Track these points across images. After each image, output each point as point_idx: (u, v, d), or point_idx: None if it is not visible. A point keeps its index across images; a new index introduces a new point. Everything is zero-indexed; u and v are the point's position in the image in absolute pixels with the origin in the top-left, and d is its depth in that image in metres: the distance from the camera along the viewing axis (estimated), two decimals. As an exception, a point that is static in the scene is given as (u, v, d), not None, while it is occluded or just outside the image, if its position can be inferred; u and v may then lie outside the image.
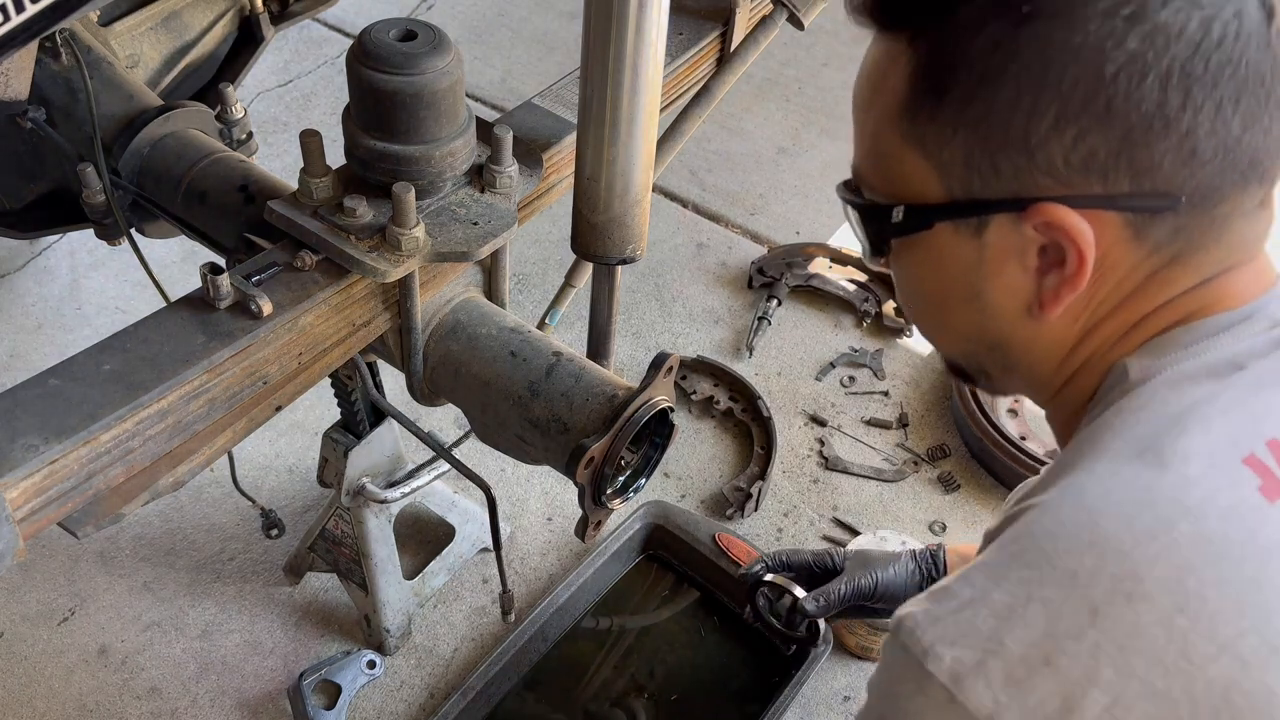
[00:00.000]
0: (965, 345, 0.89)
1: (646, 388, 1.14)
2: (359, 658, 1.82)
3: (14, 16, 1.01)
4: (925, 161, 0.78)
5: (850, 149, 0.87)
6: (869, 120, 0.83)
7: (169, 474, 1.06)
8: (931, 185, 0.78)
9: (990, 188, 0.75)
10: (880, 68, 0.80)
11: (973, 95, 0.73)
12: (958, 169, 0.76)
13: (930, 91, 0.75)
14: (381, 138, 1.12)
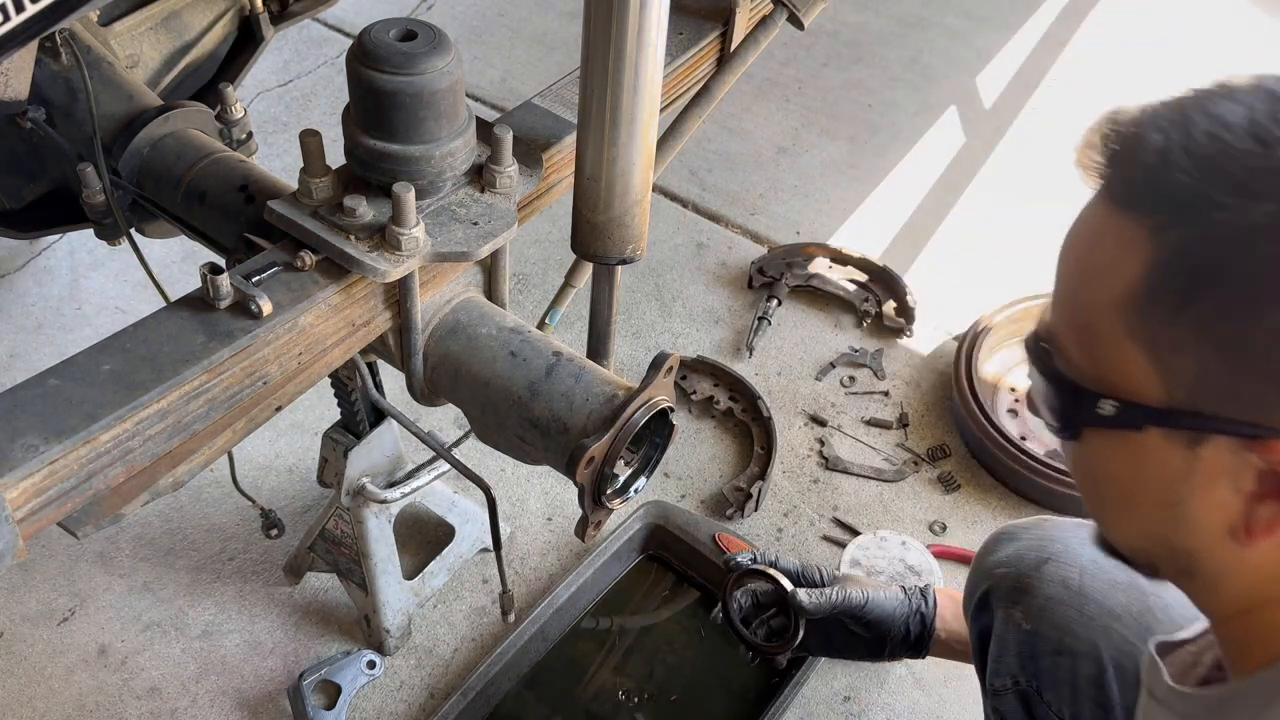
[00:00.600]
0: (1144, 543, 0.80)
1: (646, 388, 1.14)
2: (359, 658, 1.82)
3: (14, 16, 1.01)
4: (1148, 360, 0.70)
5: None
6: (1083, 294, 0.74)
7: (169, 474, 1.06)
8: (1150, 385, 0.70)
9: (1222, 407, 0.67)
10: (1107, 245, 0.71)
11: (1229, 312, 0.65)
12: (1187, 378, 0.68)
13: (1175, 293, 0.67)
14: (381, 138, 1.12)
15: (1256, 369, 0.65)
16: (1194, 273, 0.66)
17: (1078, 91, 3.30)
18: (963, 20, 3.57)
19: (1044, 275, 2.75)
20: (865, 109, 3.18)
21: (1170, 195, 0.67)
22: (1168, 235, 0.67)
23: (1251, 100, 0.67)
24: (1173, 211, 0.67)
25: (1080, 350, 0.75)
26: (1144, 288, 0.68)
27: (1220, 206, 0.65)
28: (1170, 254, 0.67)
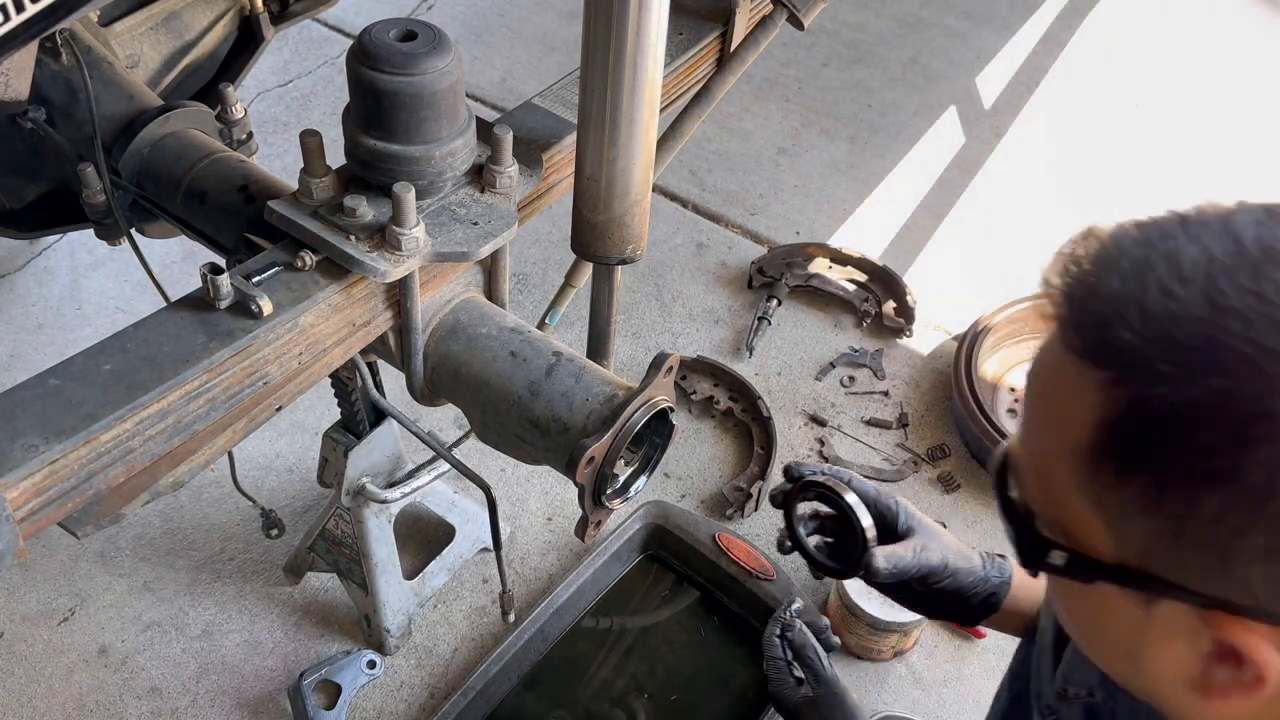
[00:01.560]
0: (1117, 678, 0.78)
1: (646, 388, 1.14)
2: (359, 658, 1.82)
3: (14, 16, 1.01)
4: (1098, 517, 0.67)
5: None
6: (1040, 434, 0.71)
7: (169, 474, 1.06)
8: (1101, 541, 0.67)
9: (1172, 574, 0.64)
10: (1063, 388, 0.67)
11: (1172, 486, 0.62)
12: (1136, 542, 0.65)
13: (1120, 454, 0.64)
14: (381, 138, 1.12)
15: (1201, 546, 0.62)
16: (1137, 439, 0.63)
17: (1078, 91, 3.30)
18: (963, 20, 3.57)
19: (1044, 275, 2.69)
20: (865, 109, 3.18)
21: (1117, 353, 0.64)
22: (1115, 394, 0.63)
23: (1215, 244, 0.63)
24: (1119, 369, 0.63)
25: (1038, 490, 0.73)
26: (1091, 444, 0.65)
27: (1162, 376, 0.61)
28: (1116, 413, 0.64)
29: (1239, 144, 3.12)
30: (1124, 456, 0.64)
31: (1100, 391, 0.64)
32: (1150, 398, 0.62)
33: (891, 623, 1.79)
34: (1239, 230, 0.63)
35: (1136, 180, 2.97)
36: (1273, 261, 0.61)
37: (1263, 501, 0.59)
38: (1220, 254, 0.62)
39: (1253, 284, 0.60)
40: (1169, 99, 3.28)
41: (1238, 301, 0.60)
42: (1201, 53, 3.48)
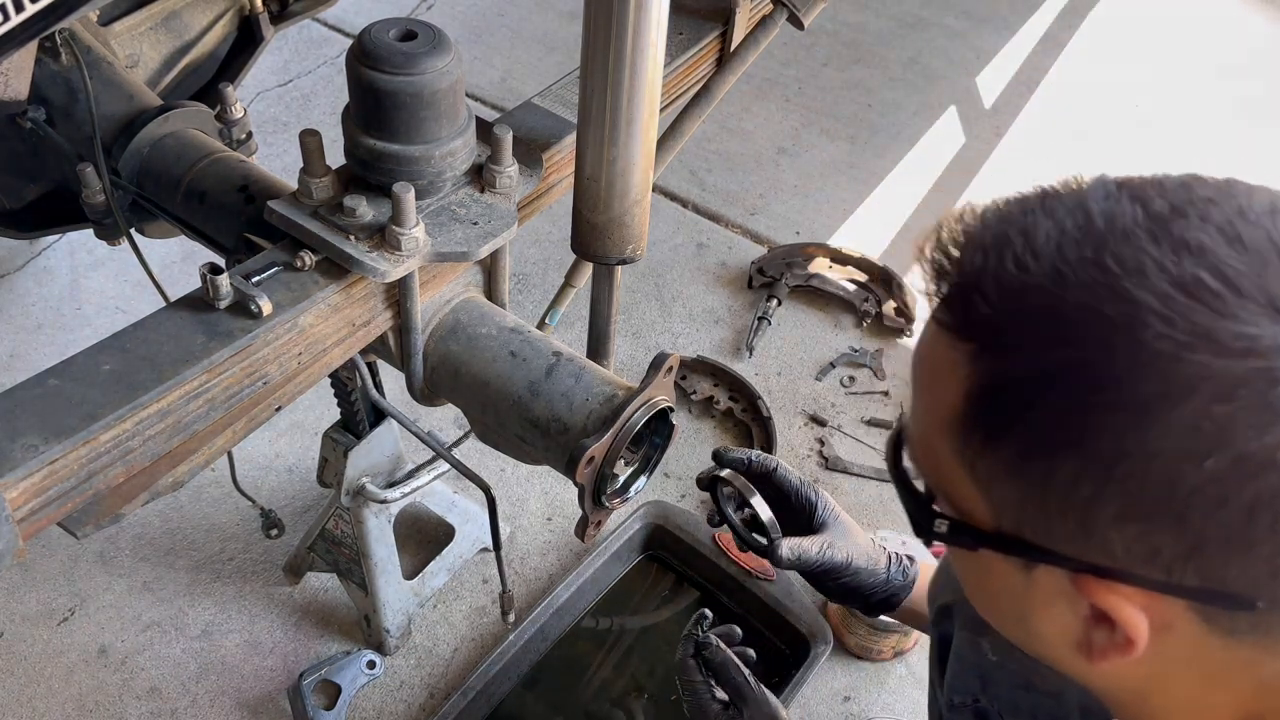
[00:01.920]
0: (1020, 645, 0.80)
1: (646, 388, 1.14)
2: (359, 658, 1.82)
3: (14, 16, 1.01)
4: (974, 487, 0.70)
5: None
6: (920, 405, 0.74)
7: (169, 474, 1.06)
8: (978, 508, 0.70)
9: (1042, 539, 0.67)
10: (937, 360, 0.70)
11: (1030, 453, 0.65)
12: (1009, 510, 0.68)
13: (985, 423, 0.67)
14: (381, 138, 1.12)
15: (1064, 511, 0.64)
16: (998, 408, 0.66)
17: (1078, 91, 3.30)
18: (963, 20, 3.57)
19: (1044, 275, 2.68)
20: (865, 109, 3.18)
21: (977, 325, 0.66)
22: (979, 365, 0.66)
23: (1067, 219, 0.65)
24: (980, 341, 0.66)
25: (924, 460, 0.75)
26: (962, 414, 0.67)
27: (1015, 348, 0.64)
28: (982, 384, 0.66)
29: (1239, 144, 3.12)
30: (989, 425, 0.66)
31: (967, 364, 0.67)
32: (1006, 368, 0.65)
33: (891, 623, 1.79)
34: (1089, 204, 0.65)
35: (1136, 180, 2.97)
36: (1115, 234, 0.63)
37: (1110, 466, 0.61)
38: (1070, 228, 0.65)
39: (1095, 255, 0.62)
40: (1169, 99, 3.28)
41: (1081, 273, 0.62)
42: (1201, 53, 3.48)
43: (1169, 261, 0.61)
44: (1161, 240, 0.62)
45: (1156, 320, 0.59)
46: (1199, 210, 0.63)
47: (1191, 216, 0.62)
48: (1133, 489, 0.61)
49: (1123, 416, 0.61)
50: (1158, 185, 0.66)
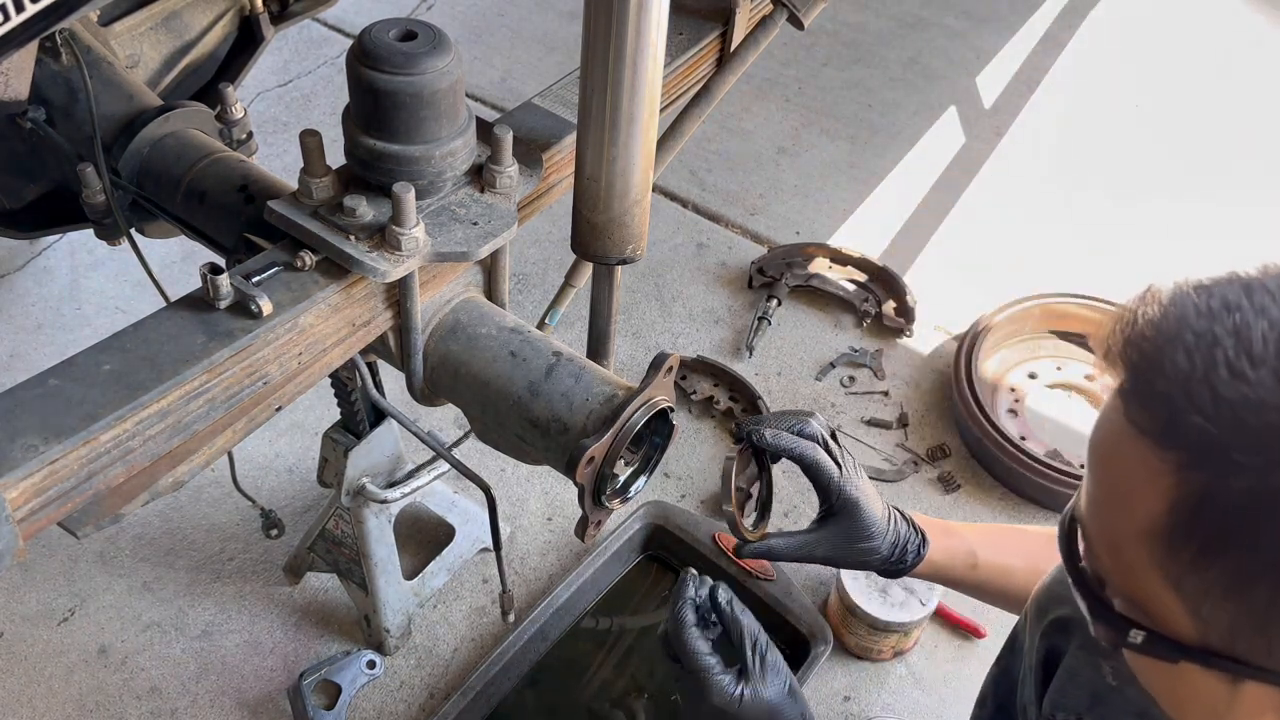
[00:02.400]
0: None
1: (646, 388, 1.14)
2: (359, 658, 1.82)
3: (14, 16, 1.01)
4: (1177, 601, 0.64)
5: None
6: (1109, 510, 0.69)
7: (169, 474, 1.06)
8: (1182, 621, 0.65)
9: (1259, 658, 0.63)
10: (1130, 464, 0.64)
11: (1255, 576, 0.60)
12: (1220, 626, 0.63)
13: (1197, 540, 0.61)
14: (381, 138, 1.12)
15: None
16: (1215, 527, 0.61)
17: (1078, 91, 3.30)
18: (963, 20, 3.57)
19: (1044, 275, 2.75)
20: (865, 109, 3.18)
21: (1188, 436, 0.61)
22: (1189, 476, 0.61)
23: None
24: (1191, 452, 0.61)
25: (1111, 565, 0.70)
26: (1167, 526, 0.63)
27: (1238, 465, 0.59)
28: (1193, 499, 0.61)
29: (1239, 143, 3.12)
30: (1203, 543, 0.61)
31: (1172, 474, 0.62)
32: (1228, 486, 0.59)
33: (891, 623, 1.79)
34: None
35: (1137, 180, 2.97)
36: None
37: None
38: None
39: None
40: (1169, 99, 3.28)
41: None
42: (1202, 53, 3.48)
43: None
44: None
45: None
46: None
47: None
48: None
49: None
50: None
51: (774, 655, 1.11)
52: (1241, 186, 2.98)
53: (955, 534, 1.22)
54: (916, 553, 1.20)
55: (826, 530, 1.20)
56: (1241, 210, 2.89)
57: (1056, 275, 2.57)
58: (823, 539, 1.19)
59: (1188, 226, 2.82)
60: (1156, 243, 2.76)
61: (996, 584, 1.23)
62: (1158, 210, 2.87)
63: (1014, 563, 1.22)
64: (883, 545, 1.18)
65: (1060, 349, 2.43)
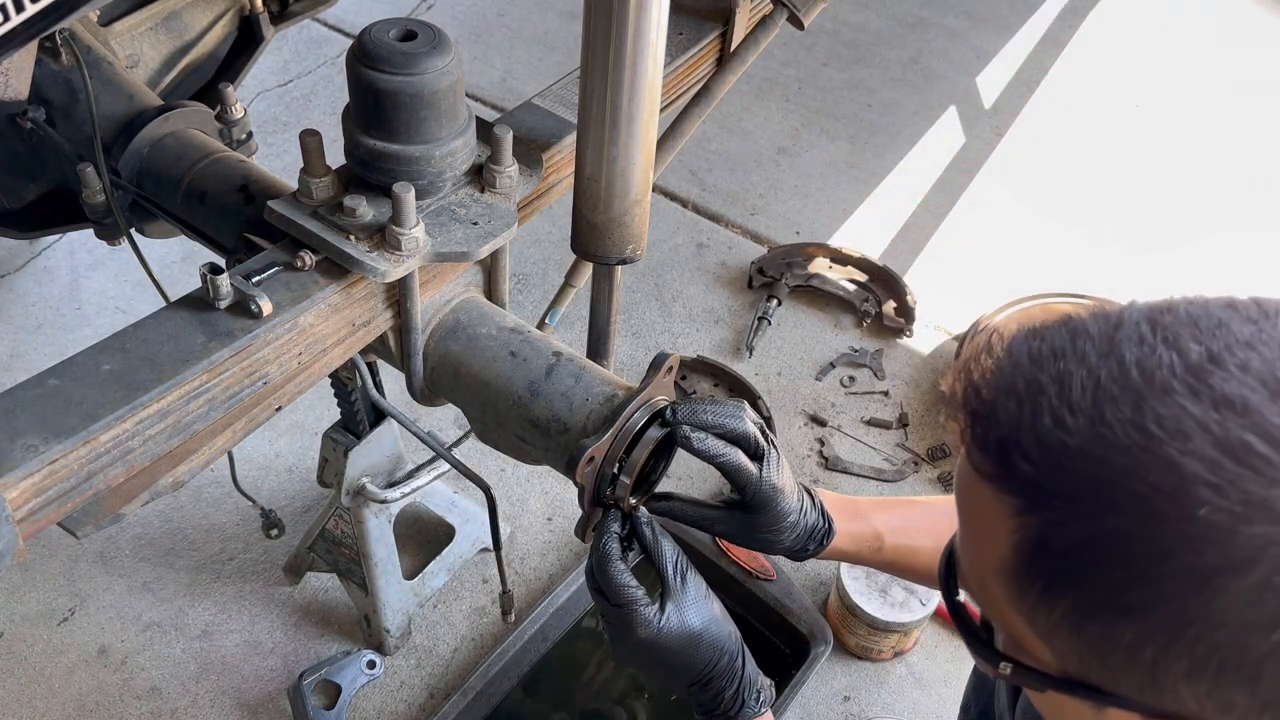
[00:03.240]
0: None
1: (646, 387, 1.14)
2: (359, 658, 1.82)
3: (14, 16, 1.01)
4: (1033, 634, 0.67)
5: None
6: (969, 546, 0.72)
7: (169, 474, 1.06)
8: (1042, 652, 0.68)
9: (1110, 687, 0.65)
10: (980, 506, 0.67)
11: (1089, 615, 0.63)
12: (1073, 659, 0.66)
13: (1040, 580, 0.64)
14: (381, 138, 1.12)
15: (1129, 669, 0.63)
16: (1051, 569, 0.63)
17: (1078, 91, 3.30)
18: (963, 20, 3.57)
19: (1044, 275, 2.75)
20: (865, 109, 3.18)
21: (1020, 482, 0.64)
22: (1026, 520, 0.64)
23: (1101, 367, 0.62)
24: (1026, 500, 0.63)
25: (980, 596, 0.73)
26: (1013, 566, 0.65)
27: (1063, 512, 0.62)
28: (1030, 542, 0.64)
29: (1239, 143, 3.12)
30: (1045, 583, 0.64)
31: (1012, 517, 0.64)
32: (1056, 530, 0.62)
33: (891, 623, 1.79)
34: (1122, 351, 0.63)
35: (1136, 180, 2.97)
36: (1152, 390, 0.60)
37: (1175, 633, 0.59)
38: (1105, 379, 0.62)
39: (1135, 416, 0.60)
40: (1169, 99, 3.28)
41: (1123, 436, 0.60)
42: (1202, 53, 3.48)
43: (1212, 422, 0.58)
44: (1202, 396, 0.59)
45: (1207, 490, 0.57)
46: (1237, 359, 0.60)
47: (1230, 366, 0.60)
48: (1200, 653, 0.59)
49: (1181, 586, 0.58)
50: (1192, 324, 0.63)
51: (695, 578, 1.12)
52: (1241, 187, 2.98)
53: (861, 517, 1.21)
54: (820, 543, 1.18)
55: (733, 514, 1.17)
56: (1241, 210, 2.89)
57: (1056, 275, 2.57)
58: (727, 519, 1.17)
59: (1187, 226, 2.82)
60: (1156, 242, 2.76)
61: (903, 563, 1.24)
62: (1157, 210, 2.87)
63: (920, 543, 1.22)
64: (787, 539, 1.17)
65: (1060, 349, 2.43)
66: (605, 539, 1.12)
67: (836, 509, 1.19)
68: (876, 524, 1.21)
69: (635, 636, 1.06)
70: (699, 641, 1.08)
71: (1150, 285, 2.56)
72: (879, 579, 1.83)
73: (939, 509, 1.25)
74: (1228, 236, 2.78)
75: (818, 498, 1.18)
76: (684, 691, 1.09)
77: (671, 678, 1.09)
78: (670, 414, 1.08)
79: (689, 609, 1.09)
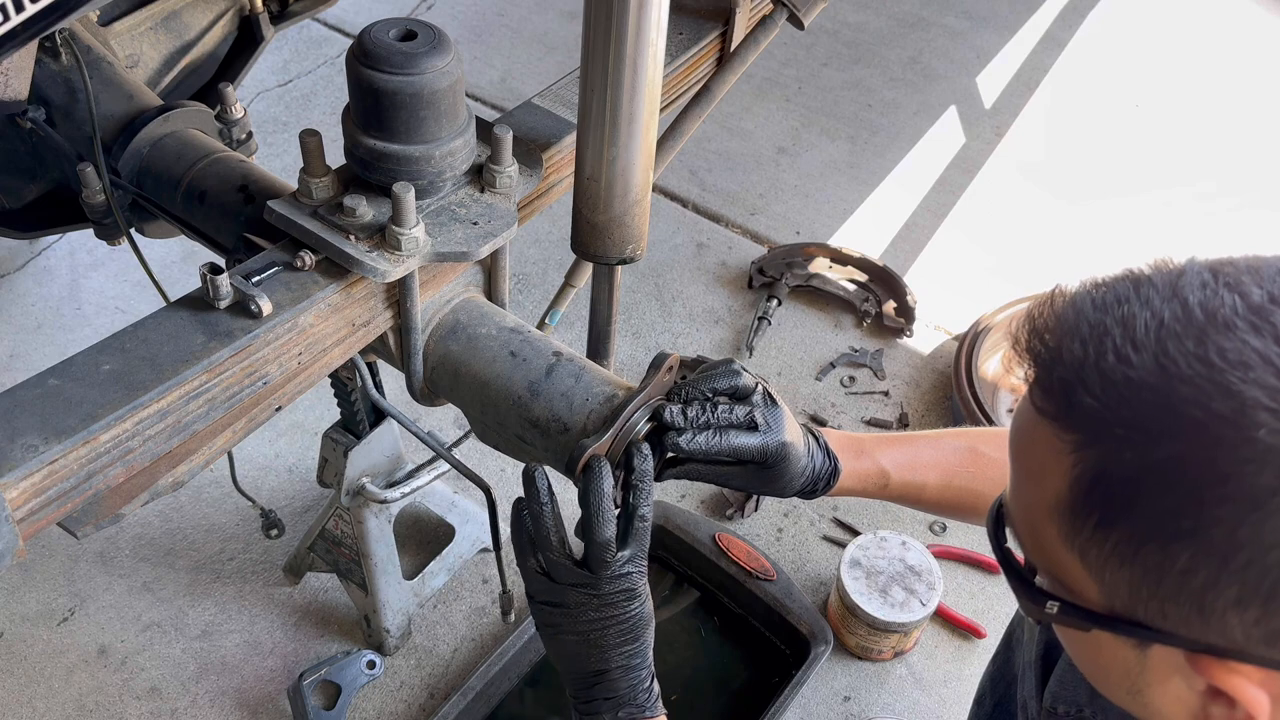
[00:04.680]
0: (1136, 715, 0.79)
1: (646, 387, 1.14)
2: (359, 658, 1.82)
3: (14, 16, 1.01)
4: (1084, 570, 0.70)
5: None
6: (1023, 489, 0.74)
7: (169, 474, 1.06)
8: (1090, 590, 0.71)
9: (1157, 621, 0.68)
10: (1038, 447, 0.71)
11: (1142, 543, 0.65)
12: (1121, 592, 0.68)
13: (1095, 512, 0.67)
14: (381, 138, 1.12)
15: (1179, 597, 0.65)
16: (1108, 499, 0.66)
17: (1078, 91, 3.30)
18: (963, 20, 3.57)
19: (1044, 275, 2.76)
20: (865, 109, 3.18)
21: (1082, 417, 0.67)
22: (1085, 454, 0.67)
23: (1165, 309, 0.66)
24: (1086, 432, 0.67)
25: (1030, 542, 0.76)
26: (1070, 503, 0.68)
27: (1123, 440, 0.65)
28: (1088, 474, 0.67)
29: (1239, 143, 3.12)
30: (1099, 514, 0.67)
31: (1071, 453, 0.67)
32: (1115, 460, 0.65)
33: (891, 623, 1.79)
34: (1185, 294, 0.66)
35: (1136, 180, 2.97)
36: (1215, 326, 0.63)
37: (1227, 557, 0.62)
38: (1169, 319, 0.65)
39: (1199, 349, 0.63)
40: (1169, 99, 3.28)
41: (1185, 368, 0.63)
42: (1202, 53, 3.48)
43: (1275, 355, 0.61)
44: (1264, 332, 0.62)
45: (1266, 415, 0.60)
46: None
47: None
48: (1250, 578, 0.62)
49: (1236, 509, 0.61)
50: (1254, 272, 0.66)
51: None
52: (1242, 186, 2.98)
53: (868, 454, 1.22)
54: (827, 483, 1.19)
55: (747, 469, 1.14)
56: (1241, 210, 2.89)
57: (1056, 275, 2.56)
58: (741, 474, 1.15)
59: (1187, 226, 2.82)
60: (1156, 243, 2.76)
61: (909, 498, 1.26)
62: (1158, 210, 2.87)
63: (927, 479, 1.24)
64: (796, 483, 1.16)
65: (1060, 349, 2.43)
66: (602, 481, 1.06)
67: (842, 447, 1.21)
68: (882, 461, 1.23)
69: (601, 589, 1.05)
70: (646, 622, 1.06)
71: (1150, 285, 2.56)
72: (879, 579, 1.83)
73: (946, 445, 1.27)
74: (1228, 237, 2.78)
75: (822, 438, 1.20)
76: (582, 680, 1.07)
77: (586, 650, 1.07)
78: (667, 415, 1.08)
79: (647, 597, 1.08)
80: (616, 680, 1.06)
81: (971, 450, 1.24)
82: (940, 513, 1.32)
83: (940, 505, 1.27)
